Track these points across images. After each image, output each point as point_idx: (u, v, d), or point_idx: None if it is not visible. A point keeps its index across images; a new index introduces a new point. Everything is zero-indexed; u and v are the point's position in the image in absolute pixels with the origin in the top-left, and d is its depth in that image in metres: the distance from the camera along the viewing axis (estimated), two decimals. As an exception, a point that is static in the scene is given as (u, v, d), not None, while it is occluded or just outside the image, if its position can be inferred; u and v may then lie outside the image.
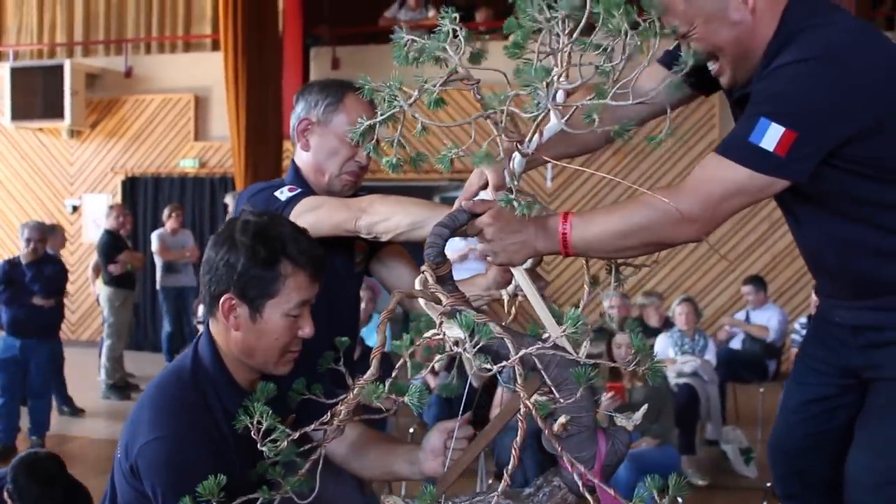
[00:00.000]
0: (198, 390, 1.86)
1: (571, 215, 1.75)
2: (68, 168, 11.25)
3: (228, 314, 1.86)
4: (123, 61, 11.07)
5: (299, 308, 1.86)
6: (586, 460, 1.65)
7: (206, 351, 1.91)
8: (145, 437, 1.78)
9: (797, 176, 1.75)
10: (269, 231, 1.86)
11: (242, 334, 1.87)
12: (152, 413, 1.82)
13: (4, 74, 10.66)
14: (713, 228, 1.77)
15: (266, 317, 1.85)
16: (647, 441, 4.92)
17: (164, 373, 1.93)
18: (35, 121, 10.82)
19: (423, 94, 1.61)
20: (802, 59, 1.73)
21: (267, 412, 1.62)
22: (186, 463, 1.74)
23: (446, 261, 1.70)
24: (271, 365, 1.90)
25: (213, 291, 1.87)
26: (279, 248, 1.84)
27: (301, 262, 1.86)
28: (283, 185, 2.33)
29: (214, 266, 1.86)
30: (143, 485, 1.79)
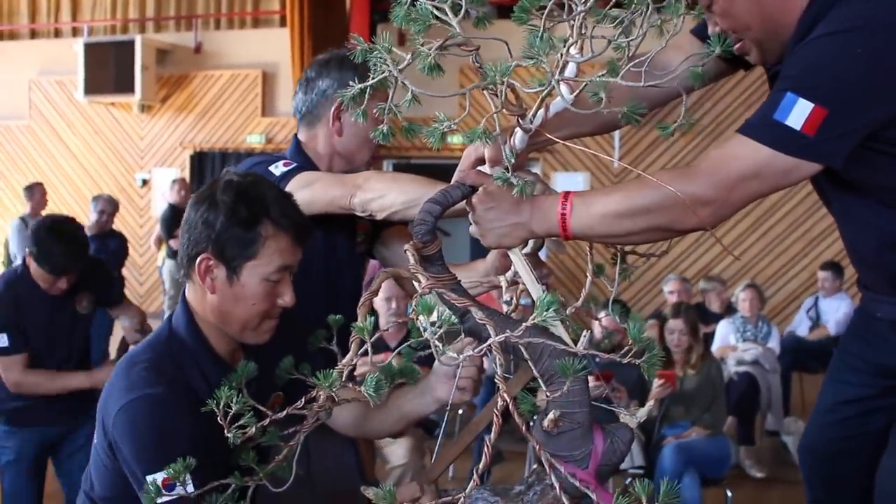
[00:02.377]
0: (173, 360, 1.77)
1: (573, 195, 1.60)
2: (139, 142, 11.40)
3: (205, 275, 1.77)
4: (193, 37, 11.14)
5: (279, 273, 1.78)
6: (579, 459, 1.54)
7: (181, 320, 1.83)
8: (119, 403, 1.70)
9: (827, 158, 1.55)
10: (252, 191, 1.78)
11: (218, 298, 1.78)
12: (125, 381, 1.73)
13: (78, 50, 10.82)
14: (727, 214, 1.57)
15: (244, 280, 1.76)
16: (698, 431, 4.75)
17: (137, 347, 1.86)
18: (107, 95, 10.97)
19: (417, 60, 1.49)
20: (837, 30, 1.54)
21: (235, 395, 1.53)
22: (162, 424, 1.66)
23: (435, 239, 1.60)
24: (248, 333, 1.81)
25: (190, 252, 1.78)
26: (260, 209, 1.75)
27: (283, 225, 1.77)
28: (280, 159, 2.26)
29: (193, 225, 1.77)
30: (120, 460, 1.71)
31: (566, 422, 1.52)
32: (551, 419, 1.51)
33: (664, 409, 4.85)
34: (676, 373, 4.90)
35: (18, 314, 3.73)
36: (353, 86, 2.17)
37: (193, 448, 1.60)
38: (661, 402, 4.84)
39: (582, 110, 1.47)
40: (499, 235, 1.63)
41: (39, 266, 3.67)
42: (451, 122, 1.44)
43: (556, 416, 1.50)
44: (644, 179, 1.55)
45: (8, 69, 11.78)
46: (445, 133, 1.44)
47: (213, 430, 1.61)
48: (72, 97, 11.23)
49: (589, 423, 1.55)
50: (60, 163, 11.52)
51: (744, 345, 6.50)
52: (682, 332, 4.91)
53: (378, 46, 1.44)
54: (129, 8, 11.62)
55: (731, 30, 1.69)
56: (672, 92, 1.84)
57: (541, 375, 1.51)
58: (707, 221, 1.53)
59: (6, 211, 11.76)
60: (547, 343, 1.48)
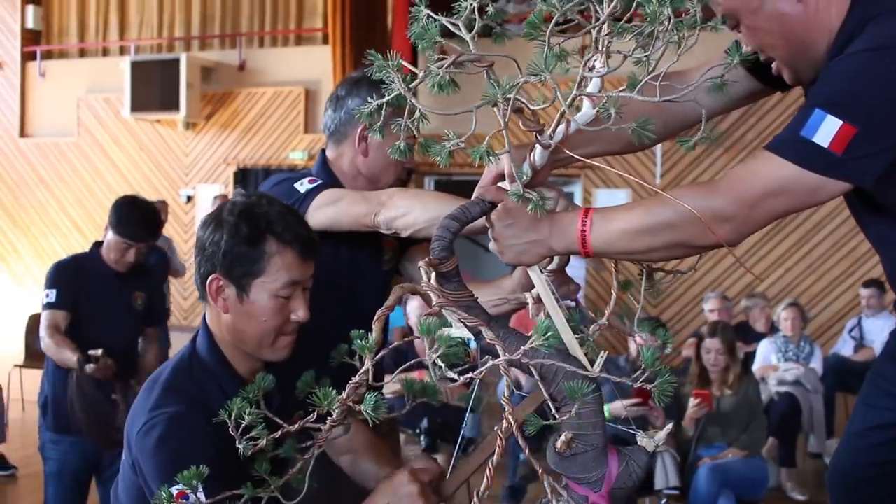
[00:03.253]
0: (195, 380, 1.81)
1: (593, 211, 1.57)
2: (183, 158, 11.53)
3: (217, 296, 1.81)
4: (237, 55, 11.26)
5: (288, 288, 1.80)
6: (593, 482, 1.52)
7: (202, 341, 1.87)
8: (140, 422, 1.74)
9: (856, 178, 1.50)
10: (254, 209, 1.81)
11: (232, 317, 1.82)
12: (148, 401, 1.78)
13: (125, 68, 10.98)
14: (749, 231, 1.53)
15: (253, 297, 1.79)
16: (734, 452, 4.68)
17: (163, 366, 1.89)
18: (153, 112, 11.11)
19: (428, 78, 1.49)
20: (870, 48, 1.50)
21: (247, 408, 1.54)
22: (181, 443, 1.69)
23: (452, 256, 1.59)
24: (265, 350, 1.83)
25: (201, 273, 1.83)
26: (263, 226, 1.79)
27: (286, 240, 1.80)
28: (305, 176, 2.27)
29: (202, 246, 1.82)
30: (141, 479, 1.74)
31: (579, 444, 1.51)
32: (563, 441, 1.50)
33: (700, 430, 4.79)
34: (713, 393, 4.84)
35: (76, 285, 4.03)
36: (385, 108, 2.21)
37: (211, 467, 1.62)
38: (697, 423, 4.79)
39: (590, 128, 1.45)
40: (518, 252, 1.61)
41: (115, 233, 3.98)
42: (459, 140, 1.43)
43: (568, 437, 1.49)
44: (665, 195, 1.53)
45: (57, 87, 12.00)
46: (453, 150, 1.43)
47: (234, 450, 1.62)
48: (118, 114, 11.40)
49: (603, 445, 1.53)
50: (107, 178, 11.68)
51: (785, 364, 6.41)
52: (718, 352, 4.86)
53: (388, 64, 1.43)
54: (174, 27, 11.79)
55: (758, 50, 1.67)
56: (720, 108, 1.82)
57: (554, 397, 1.50)
58: (728, 238, 1.50)
59: (55, 226, 11.96)
60: (559, 364, 1.46)
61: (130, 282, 4.19)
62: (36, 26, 12.29)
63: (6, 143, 12.29)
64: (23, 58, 12.24)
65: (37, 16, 12.26)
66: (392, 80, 1.48)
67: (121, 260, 4.08)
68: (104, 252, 4.11)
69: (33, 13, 12.22)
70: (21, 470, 6.32)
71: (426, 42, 1.47)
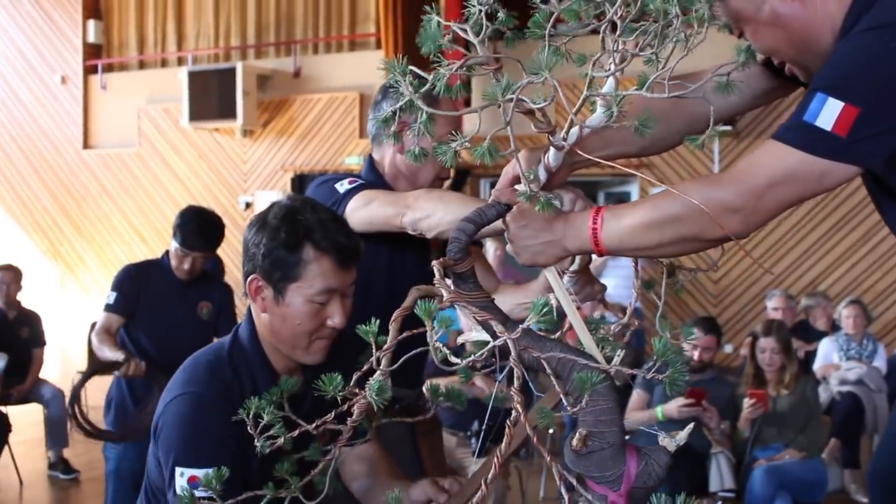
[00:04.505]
0: (232, 366, 1.86)
1: (604, 209, 1.56)
2: (241, 166, 11.68)
3: (256, 295, 1.86)
4: (292, 62, 11.38)
5: (324, 295, 1.83)
6: (611, 481, 1.50)
7: (246, 330, 1.92)
8: (170, 396, 1.81)
9: (863, 160, 1.45)
10: (296, 215, 1.84)
11: (269, 317, 1.86)
12: (182, 375, 1.85)
13: (183, 78, 11.17)
14: (759, 222, 1.48)
15: (288, 300, 1.83)
16: (791, 453, 4.58)
17: (204, 349, 1.93)
18: (211, 121, 11.28)
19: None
20: (870, 27, 1.46)
21: (266, 406, 1.55)
22: (200, 423, 1.75)
23: (468, 257, 1.58)
24: (299, 352, 1.87)
25: (245, 271, 1.88)
26: (302, 232, 1.81)
27: (324, 247, 1.82)
28: (349, 177, 2.28)
29: (247, 246, 1.87)
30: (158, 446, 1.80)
31: (595, 441, 1.48)
32: (579, 438, 1.47)
33: (756, 431, 4.70)
34: (769, 393, 4.75)
35: (137, 290, 4.14)
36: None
37: (228, 453, 1.66)
38: (753, 423, 4.70)
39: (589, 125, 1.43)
40: (533, 253, 1.60)
41: (174, 239, 4.06)
42: (465, 140, 1.43)
43: (583, 434, 1.46)
44: (672, 190, 1.50)
45: (118, 99, 12.25)
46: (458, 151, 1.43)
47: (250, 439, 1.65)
48: (177, 124, 11.60)
49: (620, 443, 1.50)
50: (167, 187, 11.89)
51: (847, 364, 6.25)
52: (773, 351, 4.76)
53: (394, 68, 1.44)
54: (230, 36, 11.95)
55: (764, 53, 1.63)
56: (737, 107, 1.79)
57: (569, 394, 1.48)
58: (736, 230, 1.46)
59: (118, 235, 12.20)
60: (568, 358, 1.44)
61: (196, 291, 4.29)
62: (97, 40, 12.57)
63: (70, 155, 12.58)
64: (85, 71, 12.53)
65: (98, 30, 12.54)
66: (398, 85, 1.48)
67: (179, 267, 4.20)
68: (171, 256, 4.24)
69: (94, 28, 12.50)
70: (84, 474, 6.45)
71: (429, 46, 1.48)
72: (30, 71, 12.94)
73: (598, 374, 1.40)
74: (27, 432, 6.98)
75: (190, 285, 4.26)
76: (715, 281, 9.44)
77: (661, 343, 1.40)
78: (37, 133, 12.84)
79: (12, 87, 13.08)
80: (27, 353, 6.68)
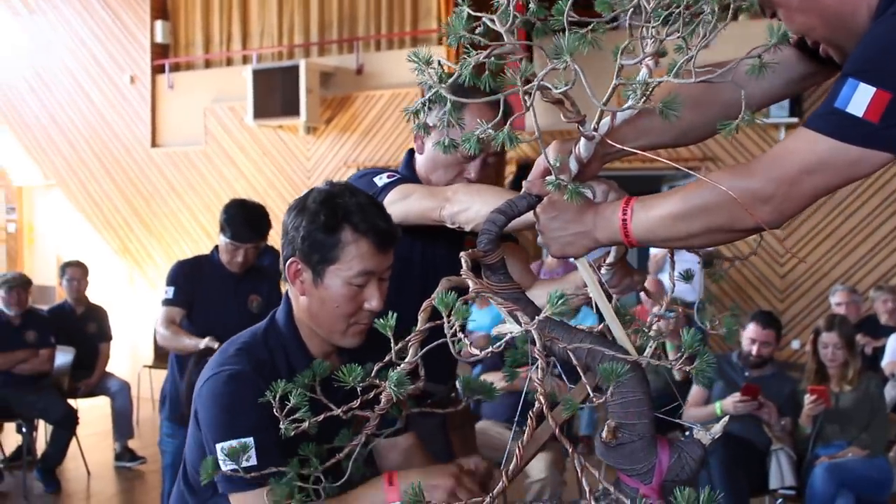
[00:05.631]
0: (267, 347, 1.90)
1: (634, 200, 1.53)
2: (305, 163, 11.79)
3: (295, 278, 1.89)
4: (355, 59, 11.44)
5: (362, 277, 1.85)
6: (643, 473, 1.48)
7: (282, 314, 1.95)
8: (206, 377, 1.85)
9: (895, 147, 1.39)
10: (336, 199, 1.87)
11: (308, 299, 1.89)
12: (217, 357, 1.89)
13: (247, 76, 11.30)
14: (790, 212, 1.44)
15: (327, 283, 1.86)
16: (854, 451, 4.47)
17: (240, 333, 1.96)
18: (275, 119, 11.39)
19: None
20: None
21: (295, 389, 1.56)
22: (235, 398, 1.78)
23: (498, 249, 1.58)
24: (337, 335, 1.90)
25: (285, 255, 1.91)
26: (341, 215, 1.84)
27: (362, 230, 1.85)
28: (387, 171, 2.30)
29: (286, 230, 1.90)
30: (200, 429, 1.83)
31: (625, 433, 1.47)
32: (609, 430, 1.46)
33: (818, 428, 4.60)
34: (831, 389, 4.64)
35: (192, 284, 4.19)
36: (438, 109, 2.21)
37: (264, 429, 1.71)
38: (814, 420, 4.60)
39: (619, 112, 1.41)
40: (563, 244, 1.59)
41: (223, 235, 4.12)
42: (487, 127, 1.42)
43: (612, 426, 1.45)
44: (702, 179, 1.47)
45: (185, 98, 12.46)
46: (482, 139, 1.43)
47: None
48: (242, 121, 11.74)
49: (651, 435, 1.49)
50: (233, 184, 12.06)
51: (916, 360, 6.08)
52: (836, 346, 4.65)
53: (417, 59, 1.44)
54: (294, 34, 12.07)
55: (798, 33, 1.59)
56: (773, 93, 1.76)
57: (597, 387, 1.47)
58: (768, 220, 1.43)
59: (185, 233, 12.42)
60: (596, 349, 1.43)
61: (246, 284, 4.35)
62: (164, 40, 12.80)
63: (139, 153, 12.83)
64: (153, 71, 12.76)
65: (165, 30, 12.77)
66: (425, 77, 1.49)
67: (232, 261, 4.25)
68: (220, 251, 4.29)
69: (161, 28, 12.73)
70: (150, 465, 6.58)
71: (452, 39, 1.49)
72: (100, 72, 13.24)
73: (624, 365, 1.38)
74: (95, 425, 7.15)
75: (241, 279, 4.32)
76: (782, 276, 9.27)
77: (690, 334, 1.38)
78: (107, 133, 13.12)
79: (84, 88, 13.39)
80: (94, 347, 6.84)
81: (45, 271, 13.51)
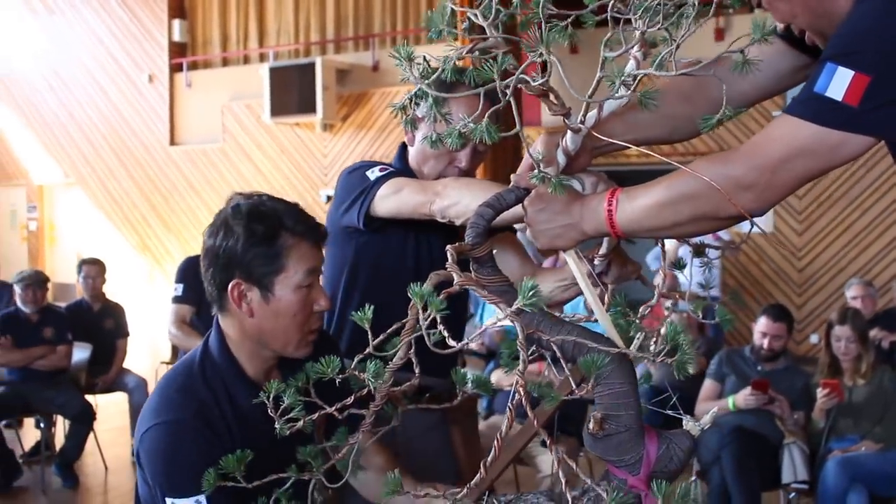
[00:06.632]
0: (205, 382, 1.84)
1: (619, 191, 1.53)
2: (322, 160, 11.84)
3: (240, 301, 1.82)
4: (371, 56, 11.48)
5: (309, 277, 1.82)
6: (631, 464, 1.48)
7: (215, 344, 1.88)
8: (146, 425, 1.78)
9: (876, 130, 1.38)
10: (262, 208, 1.82)
11: (258, 320, 1.82)
12: (156, 400, 1.82)
13: (264, 74, 11.36)
14: (773, 199, 1.43)
15: (278, 294, 1.80)
16: (868, 445, 4.44)
17: (176, 364, 1.93)
18: (291, 116, 11.45)
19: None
20: None
21: (287, 389, 1.56)
22: (181, 452, 1.73)
23: (486, 242, 1.58)
24: (292, 346, 1.85)
25: (217, 283, 1.83)
26: (276, 223, 1.80)
27: (299, 231, 1.81)
28: (379, 165, 2.29)
29: (214, 256, 1.82)
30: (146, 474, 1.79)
31: (612, 424, 1.47)
32: (595, 420, 1.46)
33: (831, 421, 4.58)
34: (845, 382, 4.62)
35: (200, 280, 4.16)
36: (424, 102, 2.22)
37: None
38: (827, 414, 4.57)
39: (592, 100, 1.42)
40: (551, 237, 1.59)
41: None
42: (468, 121, 1.43)
43: (598, 417, 1.45)
44: (685, 168, 1.47)
45: (203, 96, 12.55)
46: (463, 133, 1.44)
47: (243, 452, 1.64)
48: (259, 119, 11.81)
49: (638, 426, 1.49)
50: (250, 181, 12.12)
51: (933, 353, 6.04)
52: (849, 340, 4.62)
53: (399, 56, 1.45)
54: (310, 31, 12.12)
55: (782, 22, 1.59)
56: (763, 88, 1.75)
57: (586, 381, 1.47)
58: (750, 207, 1.42)
59: (203, 229, 12.49)
60: (579, 341, 1.43)
61: None
62: (182, 39, 12.88)
63: (158, 152, 12.93)
64: (171, 70, 12.86)
65: (182, 29, 12.85)
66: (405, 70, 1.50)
67: None
68: None
69: (179, 26, 12.81)
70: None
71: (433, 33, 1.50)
72: (118, 70, 13.34)
73: (605, 357, 1.38)
74: (112, 420, 7.20)
75: None
76: (799, 270, 9.23)
77: (671, 326, 1.38)
78: (126, 131, 13.23)
79: (102, 86, 13.50)
80: (111, 343, 6.88)
81: (65, 269, 13.63)
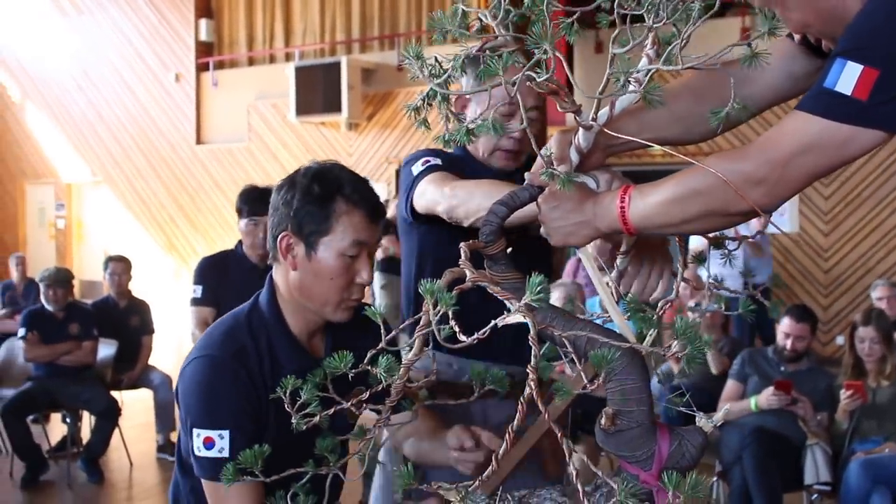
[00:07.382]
0: (250, 329, 1.91)
1: (631, 188, 1.54)
2: (347, 159, 11.87)
3: (286, 253, 1.90)
4: (396, 55, 11.49)
5: (355, 248, 1.86)
6: (642, 460, 1.49)
7: (265, 296, 1.97)
8: (189, 360, 1.87)
9: (886, 124, 1.38)
10: (327, 173, 1.89)
11: (300, 273, 1.90)
12: (202, 340, 1.91)
13: (290, 74, 11.42)
14: (784, 194, 1.43)
15: (320, 255, 1.86)
16: (891, 447, 4.40)
17: (226, 314, 1.98)
18: (317, 115, 11.51)
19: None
20: None
21: (305, 384, 1.57)
22: (214, 385, 1.81)
23: (499, 240, 1.59)
24: (330, 308, 1.90)
25: (274, 232, 1.91)
26: (334, 187, 1.86)
27: (355, 200, 1.87)
28: (425, 155, 2.29)
29: (276, 207, 1.91)
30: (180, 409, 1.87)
31: (623, 420, 1.47)
32: (607, 416, 1.47)
33: (855, 423, 4.54)
34: (868, 384, 4.58)
35: (218, 280, 4.23)
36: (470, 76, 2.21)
37: (243, 414, 1.79)
38: (851, 415, 4.54)
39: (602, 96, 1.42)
40: (565, 234, 1.60)
41: (240, 217, 4.16)
42: (478, 119, 1.44)
43: (610, 413, 1.46)
44: (697, 164, 1.47)
45: (229, 96, 12.62)
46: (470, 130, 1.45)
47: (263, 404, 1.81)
48: (285, 118, 11.87)
49: (650, 422, 1.49)
50: (276, 180, 12.06)
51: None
52: (873, 341, 4.58)
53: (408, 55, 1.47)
54: (335, 31, 12.16)
55: (796, 31, 1.59)
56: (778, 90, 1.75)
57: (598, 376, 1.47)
58: (761, 202, 1.42)
59: (230, 228, 12.55)
60: (591, 337, 1.44)
61: None
62: (208, 38, 12.97)
63: (184, 150, 13.02)
64: (197, 69, 12.94)
65: (209, 29, 12.93)
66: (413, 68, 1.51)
67: (254, 243, 4.26)
68: (244, 245, 4.33)
69: (206, 26, 12.90)
70: (190, 457, 6.67)
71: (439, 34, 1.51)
72: (146, 70, 13.45)
73: (616, 352, 1.39)
74: (138, 417, 7.26)
75: (265, 270, 4.34)
76: (825, 271, 9.16)
77: (683, 321, 1.38)
78: (153, 131, 13.33)
79: (130, 86, 13.61)
80: (137, 340, 6.94)
81: (93, 266, 13.75)
